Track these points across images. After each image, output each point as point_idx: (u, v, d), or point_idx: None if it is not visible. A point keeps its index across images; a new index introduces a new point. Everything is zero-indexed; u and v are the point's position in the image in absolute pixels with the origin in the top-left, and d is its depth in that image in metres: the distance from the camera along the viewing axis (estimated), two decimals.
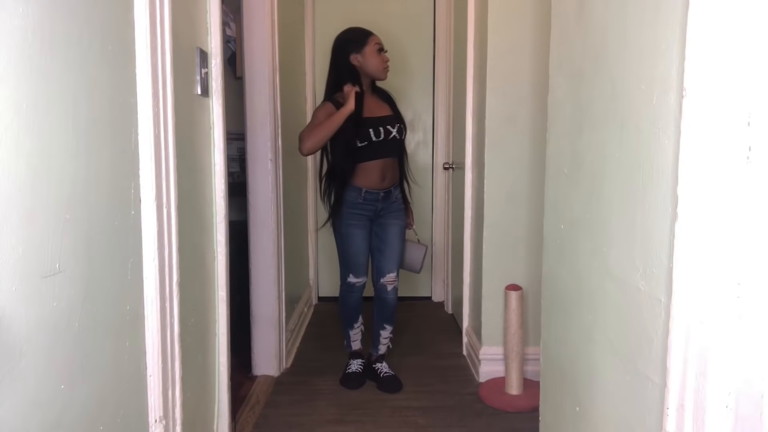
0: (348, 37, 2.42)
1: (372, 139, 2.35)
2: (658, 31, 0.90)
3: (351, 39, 2.40)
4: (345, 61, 2.39)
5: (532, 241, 2.52)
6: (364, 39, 2.38)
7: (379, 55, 2.39)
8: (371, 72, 2.40)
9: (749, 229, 0.72)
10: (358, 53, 2.38)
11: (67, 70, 0.92)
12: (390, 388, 2.48)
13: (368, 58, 2.37)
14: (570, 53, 1.30)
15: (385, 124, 2.39)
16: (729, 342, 0.75)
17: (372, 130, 2.35)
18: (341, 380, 2.57)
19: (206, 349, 1.66)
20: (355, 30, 2.44)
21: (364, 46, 2.37)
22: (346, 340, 2.67)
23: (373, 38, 2.39)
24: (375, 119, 2.39)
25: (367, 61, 2.38)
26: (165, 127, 1.26)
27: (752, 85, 0.71)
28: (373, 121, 2.37)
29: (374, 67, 2.38)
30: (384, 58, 2.40)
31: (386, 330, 2.60)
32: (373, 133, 2.35)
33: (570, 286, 1.31)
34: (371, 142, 2.36)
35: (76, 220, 0.95)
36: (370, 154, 2.38)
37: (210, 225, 1.70)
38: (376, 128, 2.36)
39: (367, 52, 2.37)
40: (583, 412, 1.25)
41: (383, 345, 2.62)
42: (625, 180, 1.02)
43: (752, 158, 0.71)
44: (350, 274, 2.50)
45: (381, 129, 2.37)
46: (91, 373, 1.00)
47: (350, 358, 2.64)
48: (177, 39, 1.35)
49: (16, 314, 0.79)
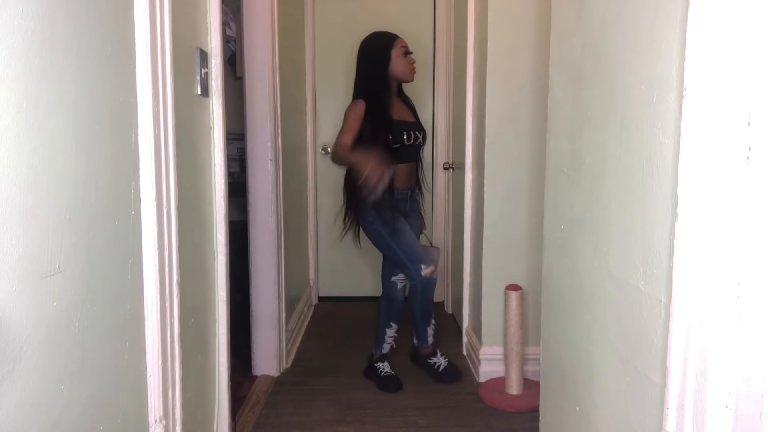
0: (373, 42, 2.46)
1: (405, 142, 2.43)
2: (658, 31, 0.90)
3: (377, 44, 2.44)
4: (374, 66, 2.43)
5: (532, 240, 2.52)
6: (391, 42, 2.42)
7: (405, 57, 2.43)
8: (398, 75, 2.44)
9: (749, 229, 0.72)
10: (388, 57, 2.41)
11: (67, 70, 0.92)
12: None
13: (395, 61, 2.41)
14: (570, 53, 1.30)
15: (411, 129, 2.47)
16: (729, 342, 0.75)
17: (405, 134, 2.43)
18: (443, 379, 2.55)
19: (206, 349, 1.66)
20: (380, 34, 2.48)
21: (391, 50, 2.41)
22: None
23: (399, 41, 2.43)
24: (404, 123, 2.47)
25: (393, 65, 2.42)
26: (165, 127, 1.26)
27: (752, 85, 0.71)
28: (404, 125, 2.45)
29: (401, 70, 2.43)
30: (410, 60, 2.44)
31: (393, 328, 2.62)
32: (406, 137, 2.43)
33: (570, 286, 1.31)
34: (403, 145, 2.43)
35: (76, 220, 0.95)
36: (401, 156, 2.45)
37: (210, 225, 1.70)
38: (408, 132, 2.45)
39: (394, 56, 2.41)
40: (583, 412, 1.25)
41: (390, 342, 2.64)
42: (625, 180, 1.02)
43: (752, 158, 0.71)
44: (422, 264, 2.44)
45: (411, 133, 2.46)
46: (91, 373, 1.00)
47: (434, 355, 2.63)
48: (177, 39, 1.35)
49: (16, 314, 0.79)
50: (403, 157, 2.46)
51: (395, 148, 2.40)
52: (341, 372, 2.67)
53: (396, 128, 2.40)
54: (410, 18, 3.79)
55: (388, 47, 2.41)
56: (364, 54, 2.47)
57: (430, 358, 2.63)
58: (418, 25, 3.81)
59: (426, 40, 3.82)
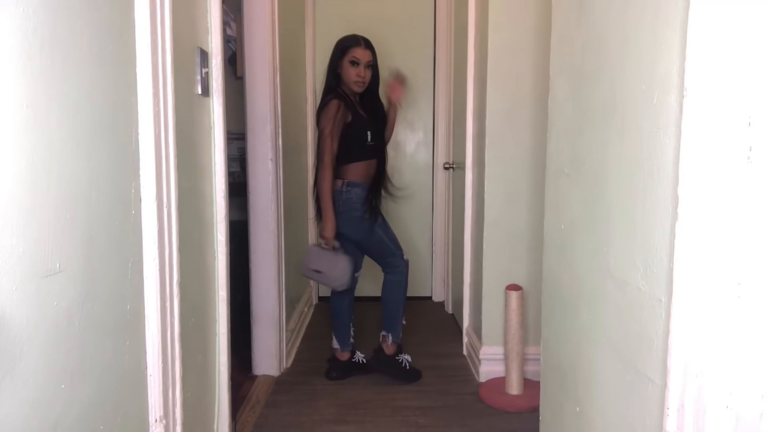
0: (338, 44, 2.52)
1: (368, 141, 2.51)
2: (658, 30, 0.90)
3: (338, 47, 2.51)
4: (332, 68, 2.52)
5: (532, 240, 2.52)
6: (345, 50, 2.47)
7: (352, 67, 2.46)
8: (345, 82, 2.50)
9: (750, 229, 0.72)
10: (340, 62, 2.49)
11: (68, 70, 0.92)
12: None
13: (344, 69, 2.48)
14: (570, 53, 1.30)
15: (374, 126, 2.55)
16: (729, 342, 0.75)
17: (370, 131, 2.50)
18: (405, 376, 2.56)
19: (206, 348, 1.66)
20: (345, 38, 2.52)
21: (343, 57, 2.47)
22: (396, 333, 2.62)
23: (352, 51, 2.46)
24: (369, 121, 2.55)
25: (343, 72, 2.49)
26: (165, 126, 1.26)
27: (753, 85, 0.71)
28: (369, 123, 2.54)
29: (346, 79, 2.49)
30: (357, 71, 2.46)
31: None
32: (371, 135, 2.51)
33: (570, 286, 1.31)
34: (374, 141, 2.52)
35: (77, 219, 0.95)
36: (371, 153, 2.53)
37: (210, 225, 1.70)
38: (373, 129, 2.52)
39: (343, 64, 2.47)
40: (583, 412, 1.24)
41: None
42: (626, 180, 1.02)
43: (753, 158, 0.71)
44: (402, 251, 2.58)
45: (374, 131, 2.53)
46: (91, 373, 1.00)
47: (401, 352, 2.63)
48: (177, 39, 1.35)
49: (16, 314, 0.79)
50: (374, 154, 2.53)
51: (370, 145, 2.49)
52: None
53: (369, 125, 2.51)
54: (410, 18, 3.79)
55: (340, 53, 2.48)
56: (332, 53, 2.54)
57: (398, 355, 2.62)
58: (419, 25, 3.81)
59: (426, 40, 3.82)
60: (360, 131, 2.46)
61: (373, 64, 2.50)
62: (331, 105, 2.40)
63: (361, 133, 2.46)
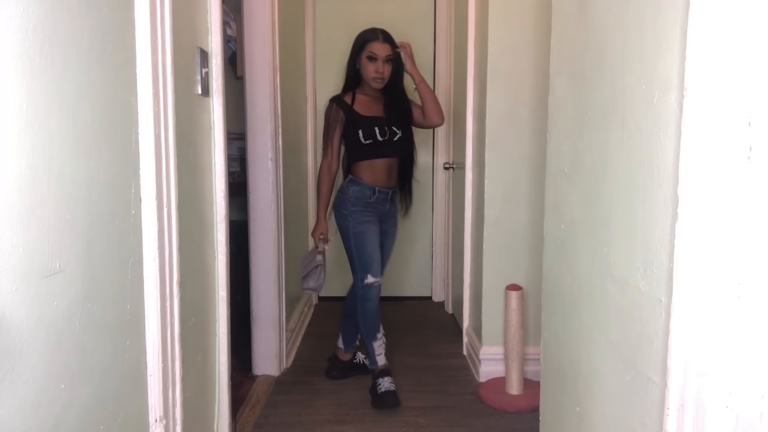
0: (357, 39, 2.43)
1: (377, 137, 2.37)
2: (658, 30, 0.90)
3: (356, 41, 2.42)
4: (351, 64, 2.44)
5: (532, 240, 2.52)
6: (363, 45, 2.38)
7: (370, 63, 2.36)
8: (364, 78, 2.41)
9: (750, 229, 0.72)
10: (358, 57, 2.40)
11: (68, 70, 0.92)
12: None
13: (362, 64, 2.40)
14: (570, 53, 1.30)
15: (382, 124, 2.39)
16: (729, 342, 0.75)
17: (378, 129, 2.37)
18: (375, 404, 2.31)
19: (206, 348, 1.66)
20: (363, 32, 2.42)
21: (361, 53, 2.39)
22: (367, 357, 2.47)
23: (369, 46, 2.36)
24: (374, 118, 2.40)
25: (361, 68, 2.40)
26: (165, 126, 1.26)
27: (753, 85, 0.71)
28: (375, 121, 2.39)
29: (364, 74, 2.40)
30: (376, 67, 2.35)
31: None
32: (378, 132, 2.37)
33: (570, 286, 1.31)
34: (376, 140, 2.37)
35: (77, 219, 0.95)
36: (379, 152, 2.40)
37: (210, 225, 1.69)
38: (381, 127, 2.38)
39: (362, 59, 2.39)
40: (583, 412, 1.24)
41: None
42: (626, 180, 1.02)
43: (753, 158, 0.71)
44: (368, 275, 2.36)
45: (385, 129, 2.39)
46: (91, 373, 1.00)
47: (380, 377, 2.37)
48: (177, 38, 1.35)
49: (16, 314, 0.79)
50: (382, 153, 2.41)
51: (368, 144, 2.37)
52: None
53: (367, 124, 2.36)
54: (410, 18, 3.79)
55: (359, 49, 2.40)
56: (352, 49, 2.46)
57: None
58: (419, 25, 3.81)
59: (426, 40, 3.82)
60: (352, 131, 2.37)
61: (392, 58, 2.37)
62: (327, 107, 2.43)
63: (353, 132, 2.37)
